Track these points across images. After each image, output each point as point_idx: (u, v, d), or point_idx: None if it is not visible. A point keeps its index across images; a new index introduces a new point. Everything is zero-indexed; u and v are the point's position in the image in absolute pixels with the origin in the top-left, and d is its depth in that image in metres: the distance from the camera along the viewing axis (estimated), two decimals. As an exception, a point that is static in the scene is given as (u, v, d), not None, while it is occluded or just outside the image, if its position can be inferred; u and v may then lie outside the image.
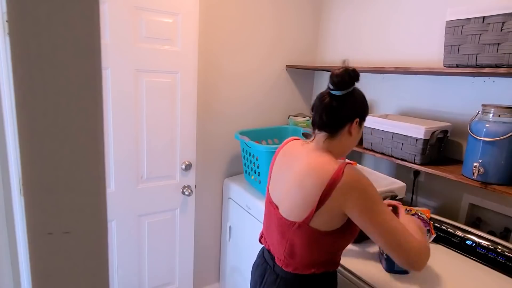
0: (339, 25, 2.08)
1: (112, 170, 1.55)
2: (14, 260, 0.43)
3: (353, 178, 0.86)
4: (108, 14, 1.40)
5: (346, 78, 0.89)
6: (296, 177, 0.95)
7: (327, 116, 0.93)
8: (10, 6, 0.27)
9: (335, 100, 0.92)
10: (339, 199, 0.86)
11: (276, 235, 1.00)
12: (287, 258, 0.98)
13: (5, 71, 0.43)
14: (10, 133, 0.40)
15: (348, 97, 0.92)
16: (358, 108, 0.95)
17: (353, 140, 0.98)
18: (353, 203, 0.85)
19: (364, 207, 0.85)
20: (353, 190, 0.85)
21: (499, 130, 1.13)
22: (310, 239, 0.92)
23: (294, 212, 0.93)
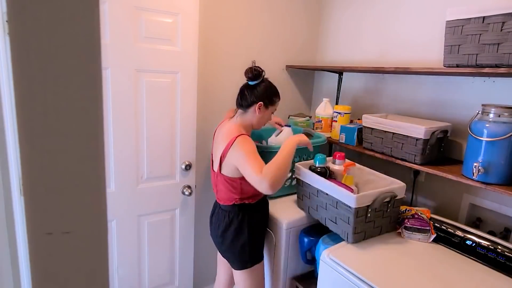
0: (339, 25, 2.08)
1: (112, 170, 1.55)
2: (14, 260, 0.43)
3: (239, 142, 1.31)
4: (108, 14, 1.40)
5: (251, 75, 1.39)
6: (218, 140, 1.44)
7: (241, 98, 1.44)
8: (10, 6, 0.27)
9: (246, 88, 1.42)
10: (230, 155, 1.33)
11: (213, 183, 1.51)
12: (217, 195, 1.49)
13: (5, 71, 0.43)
14: (10, 133, 0.40)
15: (255, 86, 1.41)
16: (261, 95, 1.40)
17: (260, 118, 1.44)
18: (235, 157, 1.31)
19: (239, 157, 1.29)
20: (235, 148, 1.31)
21: (499, 130, 1.13)
22: (224, 182, 1.41)
23: (215, 165, 1.44)
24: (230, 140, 1.33)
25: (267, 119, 1.47)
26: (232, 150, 1.32)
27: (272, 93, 1.44)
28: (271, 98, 1.44)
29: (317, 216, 1.48)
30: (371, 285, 1.10)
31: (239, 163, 1.30)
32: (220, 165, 1.38)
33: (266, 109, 1.43)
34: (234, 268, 1.49)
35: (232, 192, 1.41)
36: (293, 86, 2.22)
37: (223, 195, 1.44)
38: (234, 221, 1.43)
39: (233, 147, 1.31)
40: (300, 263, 1.59)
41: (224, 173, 1.39)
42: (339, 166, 1.57)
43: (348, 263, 1.19)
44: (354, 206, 1.24)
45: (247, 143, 1.31)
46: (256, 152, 1.31)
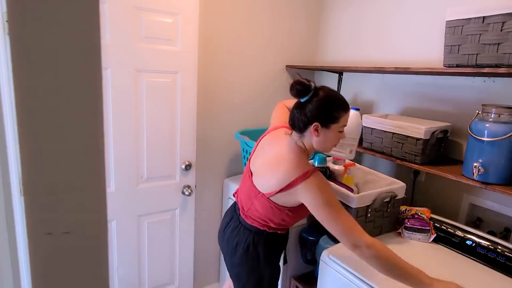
0: (340, 25, 2.08)
1: (112, 170, 1.55)
2: (14, 260, 0.43)
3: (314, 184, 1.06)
4: (108, 14, 1.40)
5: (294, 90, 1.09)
6: (274, 159, 1.16)
7: (292, 120, 1.15)
8: (10, 6, 0.27)
9: (297, 107, 1.13)
10: (298, 193, 1.08)
11: (245, 195, 1.25)
12: (248, 214, 1.24)
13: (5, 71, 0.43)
14: (10, 133, 0.40)
15: (306, 104, 1.10)
16: (314, 114, 1.09)
17: (322, 141, 1.13)
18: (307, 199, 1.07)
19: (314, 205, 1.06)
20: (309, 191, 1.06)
21: (499, 130, 1.13)
22: (268, 207, 1.16)
23: (263, 185, 1.16)
24: (301, 176, 1.06)
25: (333, 140, 1.15)
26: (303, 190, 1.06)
27: (330, 108, 1.10)
28: (330, 114, 1.10)
29: (317, 216, 1.48)
30: (371, 285, 1.10)
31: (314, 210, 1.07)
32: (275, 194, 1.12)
33: (327, 130, 1.11)
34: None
35: (268, 219, 1.19)
36: (293, 86, 2.21)
37: (256, 215, 1.21)
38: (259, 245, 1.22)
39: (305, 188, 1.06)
40: (300, 263, 1.59)
41: (274, 200, 1.14)
42: (339, 166, 1.57)
43: (348, 263, 1.19)
44: (354, 206, 1.24)
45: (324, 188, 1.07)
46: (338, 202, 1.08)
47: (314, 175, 1.07)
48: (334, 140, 1.15)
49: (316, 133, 1.10)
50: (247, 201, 1.24)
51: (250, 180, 1.22)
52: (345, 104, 1.12)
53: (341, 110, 1.11)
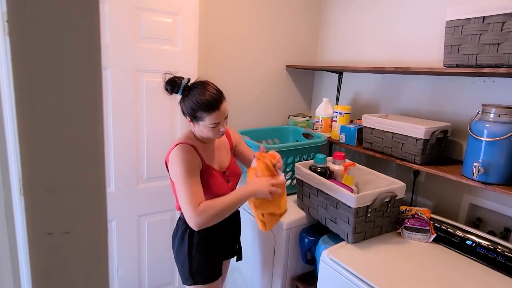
0: (339, 25, 2.08)
1: (112, 170, 1.55)
2: (14, 260, 0.43)
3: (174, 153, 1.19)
4: (108, 14, 1.40)
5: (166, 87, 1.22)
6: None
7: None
8: (10, 6, 0.27)
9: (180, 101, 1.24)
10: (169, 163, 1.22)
11: None
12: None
13: (5, 71, 0.43)
14: (10, 133, 0.39)
15: (182, 99, 1.22)
16: (184, 111, 1.22)
17: (199, 131, 1.24)
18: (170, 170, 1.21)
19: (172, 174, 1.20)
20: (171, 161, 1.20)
21: (499, 130, 1.13)
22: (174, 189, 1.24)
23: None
24: (170, 148, 1.22)
25: (208, 132, 1.22)
26: (170, 159, 1.21)
27: (195, 107, 1.17)
28: (194, 113, 1.18)
29: (317, 216, 1.48)
30: (371, 285, 1.10)
31: (174, 179, 1.19)
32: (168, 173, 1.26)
33: (198, 124, 1.21)
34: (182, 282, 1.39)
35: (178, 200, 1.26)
36: (293, 86, 2.22)
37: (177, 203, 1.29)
38: (180, 229, 1.32)
39: (169, 159, 1.21)
40: (300, 263, 1.59)
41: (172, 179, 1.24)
42: (339, 166, 1.57)
43: (348, 263, 1.19)
44: (354, 206, 1.24)
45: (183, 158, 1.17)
46: (192, 173, 1.17)
47: (177, 147, 1.19)
48: (209, 132, 1.22)
49: (192, 123, 1.23)
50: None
51: None
52: (208, 105, 1.17)
53: (203, 111, 1.17)
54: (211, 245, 1.33)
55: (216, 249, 1.36)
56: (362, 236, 1.32)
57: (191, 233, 1.29)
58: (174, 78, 1.21)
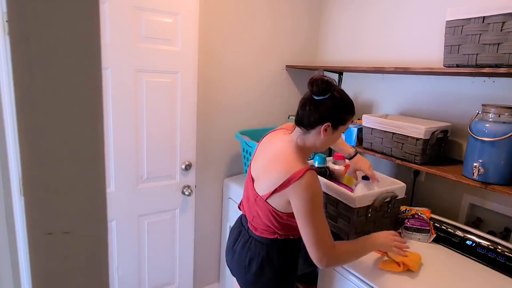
0: (340, 25, 2.08)
1: (112, 170, 1.55)
2: (14, 260, 0.43)
3: (307, 182, 1.02)
4: (108, 14, 1.40)
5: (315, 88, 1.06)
6: (271, 158, 1.14)
7: (302, 114, 1.11)
8: (10, 6, 0.27)
9: (311, 104, 1.09)
10: (290, 192, 1.04)
11: (249, 203, 1.21)
12: (254, 224, 1.19)
13: (5, 71, 0.43)
14: (10, 133, 0.39)
15: (322, 103, 1.07)
16: (330, 114, 1.07)
17: (324, 141, 1.12)
18: (296, 199, 1.03)
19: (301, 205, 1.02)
20: (301, 190, 1.02)
21: (499, 130, 1.13)
22: (267, 213, 1.12)
23: (260, 188, 1.14)
24: (295, 174, 1.03)
25: (334, 140, 1.17)
26: (294, 189, 1.03)
27: (344, 110, 1.10)
28: (343, 116, 1.10)
29: (317, 216, 1.48)
30: (371, 285, 1.10)
31: (298, 211, 1.04)
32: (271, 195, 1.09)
33: (335, 130, 1.11)
34: None
35: (274, 226, 1.14)
36: (293, 86, 2.22)
37: (261, 225, 1.17)
38: (274, 256, 1.17)
39: (297, 186, 1.02)
40: (300, 263, 1.59)
41: (271, 203, 1.11)
42: (339, 166, 1.57)
43: (348, 263, 1.19)
44: (354, 206, 1.24)
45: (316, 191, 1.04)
46: (322, 208, 1.06)
47: (307, 176, 1.03)
48: (335, 140, 1.16)
49: (325, 132, 1.08)
50: (251, 209, 1.20)
51: (252, 186, 1.19)
52: (354, 108, 1.12)
53: (351, 114, 1.11)
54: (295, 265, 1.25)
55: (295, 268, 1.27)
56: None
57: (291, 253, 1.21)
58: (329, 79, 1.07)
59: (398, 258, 1.15)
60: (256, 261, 1.17)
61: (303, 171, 1.02)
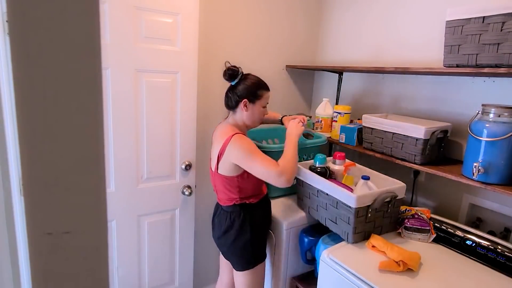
0: (339, 25, 2.08)
1: (112, 170, 1.55)
2: (14, 260, 0.43)
3: (235, 140, 1.31)
4: (108, 14, 1.40)
5: (226, 76, 1.40)
6: (214, 141, 1.45)
7: (226, 99, 1.45)
8: (10, 6, 0.27)
9: (230, 89, 1.43)
10: (228, 154, 1.33)
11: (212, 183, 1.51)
12: (218, 196, 1.49)
13: (5, 71, 0.43)
14: (10, 133, 0.39)
15: (236, 86, 1.40)
16: (243, 93, 1.39)
17: (251, 115, 1.42)
18: (234, 155, 1.32)
19: (239, 155, 1.31)
20: (233, 146, 1.31)
21: (499, 130, 1.13)
22: (222, 182, 1.41)
23: (212, 164, 1.45)
24: (227, 139, 1.33)
25: (258, 114, 1.44)
26: (229, 148, 1.32)
27: (255, 87, 1.40)
28: (255, 92, 1.40)
29: (317, 216, 1.48)
30: (371, 285, 1.10)
31: (241, 160, 1.31)
32: (218, 165, 1.39)
33: (253, 105, 1.41)
34: (236, 269, 1.48)
35: (231, 192, 1.41)
36: (293, 86, 2.22)
37: (222, 195, 1.45)
38: (236, 221, 1.42)
39: (230, 145, 1.32)
40: (300, 263, 1.59)
41: (221, 172, 1.39)
42: (339, 166, 1.57)
43: (348, 263, 1.19)
44: (354, 206, 1.24)
45: (245, 141, 1.32)
46: (257, 149, 1.32)
47: (235, 136, 1.32)
48: (259, 114, 1.44)
49: (246, 108, 1.39)
50: (214, 187, 1.49)
51: (210, 167, 1.49)
52: (266, 85, 1.43)
53: (263, 89, 1.42)
54: (265, 225, 1.53)
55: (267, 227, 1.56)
56: (362, 236, 1.32)
57: (252, 216, 1.43)
58: (234, 67, 1.39)
59: (398, 258, 1.15)
60: (223, 226, 1.45)
61: (232, 135, 1.33)
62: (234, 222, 1.43)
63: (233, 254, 1.46)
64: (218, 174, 1.40)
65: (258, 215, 1.47)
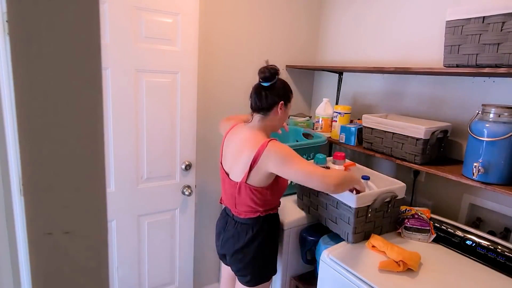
0: (339, 25, 2.08)
1: (112, 170, 1.55)
2: (14, 260, 0.43)
3: (273, 146, 1.19)
4: (108, 14, 1.40)
5: (268, 74, 1.25)
6: (238, 149, 1.29)
7: (259, 100, 1.28)
8: (10, 6, 0.27)
9: (263, 89, 1.27)
10: (264, 162, 1.19)
11: (229, 195, 1.34)
12: (236, 209, 1.33)
13: (5, 71, 0.43)
14: (10, 133, 0.39)
15: (272, 86, 1.27)
16: (281, 94, 1.28)
17: (281, 119, 1.32)
18: (272, 162, 1.18)
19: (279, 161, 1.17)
20: (272, 153, 1.18)
21: (499, 130, 1.13)
22: (249, 194, 1.26)
23: (237, 174, 1.28)
24: (261, 145, 1.19)
25: (286, 118, 1.37)
26: (266, 156, 1.18)
27: (289, 89, 1.34)
28: (289, 95, 1.33)
29: (317, 216, 1.48)
30: (371, 285, 1.10)
31: (280, 167, 1.18)
32: (249, 174, 1.23)
33: (286, 108, 1.33)
34: (249, 285, 1.36)
35: (256, 204, 1.28)
36: (293, 86, 2.21)
37: (245, 207, 1.31)
38: (260, 234, 1.31)
39: (267, 152, 1.18)
40: (300, 263, 1.59)
41: (250, 183, 1.24)
42: (339, 166, 1.57)
43: (348, 263, 1.19)
44: (355, 206, 1.24)
45: (284, 146, 1.21)
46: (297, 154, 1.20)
47: (271, 143, 1.20)
48: (286, 118, 1.36)
49: (280, 111, 1.29)
50: (233, 199, 1.33)
51: (228, 179, 1.33)
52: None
53: (291, 92, 1.34)
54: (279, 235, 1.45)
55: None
56: (362, 236, 1.32)
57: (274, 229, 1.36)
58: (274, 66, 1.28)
59: (398, 258, 1.15)
60: (242, 240, 1.31)
61: (267, 142, 1.20)
62: (258, 235, 1.30)
63: (252, 268, 1.34)
64: (246, 185, 1.25)
65: (277, 225, 1.40)
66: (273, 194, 1.30)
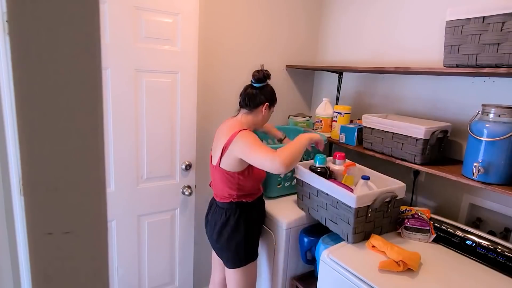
0: (339, 25, 2.08)
1: (112, 170, 1.55)
2: (14, 260, 0.43)
3: (242, 134, 1.34)
4: (108, 14, 1.40)
5: (261, 76, 1.45)
6: (219, 135, 1.46)
7: (248, 98, 1.46)
8: (10, 6, 0.27)
9: (253, 89, 1.46)
10: (232, 148, 1.34)
11: (212, 179, 1.53)
12: (215, 191, 1.51)
13: (5, 71, 0.43)
14: (10, 133, 0.39)
15: (262, 88, 1.46)
16: (268, 96, 1.47)
17: (263, 118, 1.50)
18: (238, 148, 1.33)
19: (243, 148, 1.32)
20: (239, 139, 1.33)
21: (499, 130, 1.13)
22: (222, 177, 1.42)
23: (214, 159, 1.45)
24: (233, 133, 1.35)
25: (267, 119, 1.54)
26: (235, 142, 1.34)
27: (274, 94, 1.51)
28: (275, 99, 1.52)
29: (317, 216, 1.48)
30: (371, 285, 1.10)
31: (244, 153, 1.32)
32: (221, 158, 1.39)
33: (269, 110, 1.50)
34: (228, 266, 1.49)
35: (230, 188, 1.42)
36: (293, 86, 2.22)
37: (220, 191, 1.46)
38: (231, 218, 1.44)
39: (236, 139, 1.34)
40: (300, 263, 1.59)
41: (223, 166, 1.40)
42: (339, 166, 1.57)
43: (348, 263, 1.19)
44: (354, 206, 1.24)
45: (251, 135, 1.35)
46: (261, 142, 1.34)
47: (242, 131, 1.35)
48: (267, 119, 1.53)
49: (265, 111, 1.47)
50: (212, 182, 1.52)
51: (210, 162, 1.50)
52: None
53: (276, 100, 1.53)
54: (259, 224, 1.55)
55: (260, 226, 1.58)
56: (362, 236, 1.32)
57: (247, 215, 1.45)
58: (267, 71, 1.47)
59: (398, 258, 1.15)
60: (218, 223, 1.46)
61: (239, 130, 1.35)
62: (229, 219, 1.44)
63: (226, 251, 1.47)
64: (220, 169, 1.41)
65: (253, 214, 1.49)
66: (246, 180, 1.41)
